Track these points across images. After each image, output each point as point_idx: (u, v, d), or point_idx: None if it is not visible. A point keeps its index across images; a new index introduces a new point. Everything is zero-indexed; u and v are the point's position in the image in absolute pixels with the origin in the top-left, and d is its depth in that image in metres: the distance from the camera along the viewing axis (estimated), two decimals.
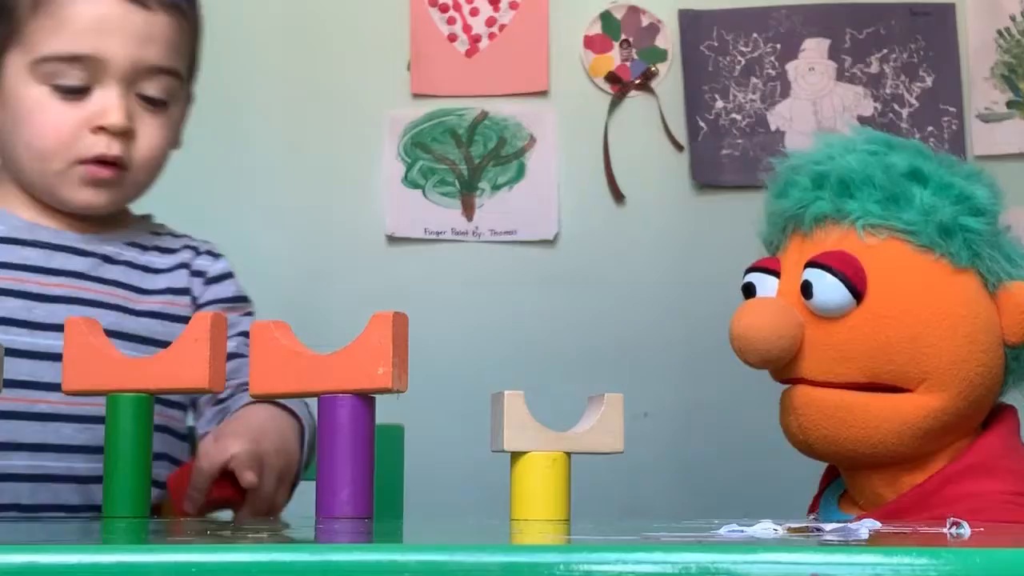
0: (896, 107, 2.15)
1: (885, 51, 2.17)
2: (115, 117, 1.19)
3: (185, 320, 1.16)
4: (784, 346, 1.22)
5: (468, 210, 2.15)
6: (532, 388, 1.25)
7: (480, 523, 0.97)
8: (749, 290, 1.29)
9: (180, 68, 1.25)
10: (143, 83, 1.21)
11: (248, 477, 1.07)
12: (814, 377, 1.23)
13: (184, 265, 1.31)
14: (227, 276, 1.33)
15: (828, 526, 0.72)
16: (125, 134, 1.20)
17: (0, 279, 1.21)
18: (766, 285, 1.28)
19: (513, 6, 2.21)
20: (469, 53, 2.20)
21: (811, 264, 1.23)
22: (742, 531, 0.71)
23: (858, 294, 1.21)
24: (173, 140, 1.27)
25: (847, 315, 1.21)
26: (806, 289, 1.22)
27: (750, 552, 0.57)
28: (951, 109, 2.14)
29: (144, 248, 1.30)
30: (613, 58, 2.20)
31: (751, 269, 1.31)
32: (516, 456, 0.96)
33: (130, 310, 1.25)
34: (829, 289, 1.21)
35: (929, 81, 2.15)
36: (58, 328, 0.98)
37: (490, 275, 2.14)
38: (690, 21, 2.20)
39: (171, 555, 0.57)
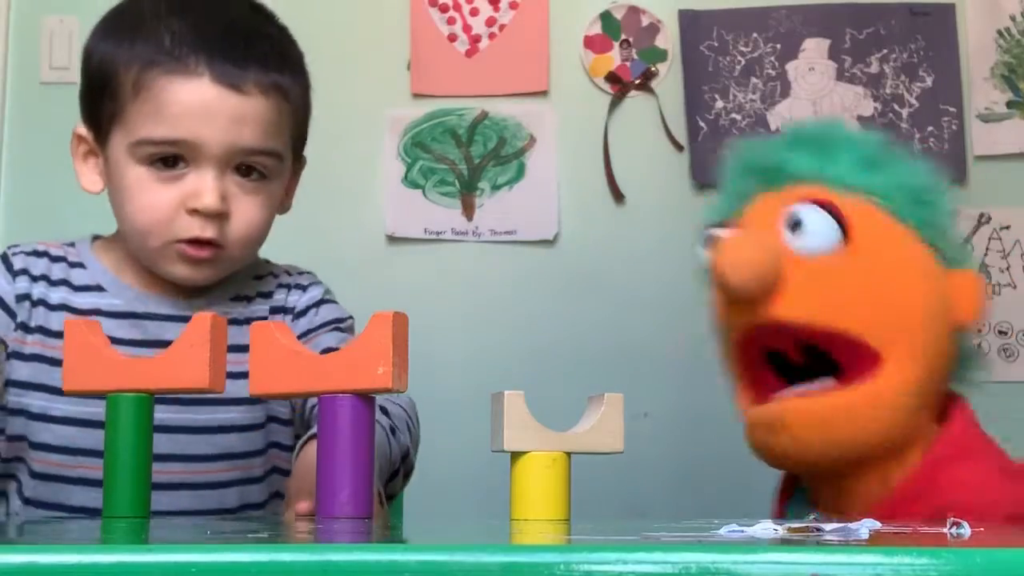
0: (896, 107, 2.15)
1: (885, 51, 2.17)
2: (209, 200, 1.21)
3: None
4: (775, 264, 1.18)
5: (468, 210, 2.15)
6: (532, 387, 1.25)
7: (480, 523, 0.97)
8: (712, 241, 1.24)
9: (278, 147, 1.26)
10: (239, 163, 1.23)
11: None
12: (793, 318, 1.19)
13: (276, 310, 1.33)
14: (312, 307, 1.34)
15: (828, 526, 0.72)
16: (219, 215, 1.22)
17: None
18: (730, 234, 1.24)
19: (513, 6, 2.21)
20: (469, 53, 2.20)
21: (796, 203, 1.21)
22: (742, 531, 0.71)
23: (846, 230, 1.19)
24: (274, 211, 1.30)
25: (831, 255, 1.19)
26: (794, 223, 1.19)
27: (750, 552, 0.57)
28: (951, 109, 2.14)
29: (249, 299, 1.32)
30: (613, 58, 2.21)
31: (711, 228, 1.26)
32: (516, 456, 0.96)
33: (243, 372, 1.28)
34: (820, 224, 1.19)
35: (929, 81, 2.15)
36: (171, 401, 1.03)
37: (490, 275, 2.14)
38: (690, 21, 2.20)
39: (171, 555, 0.57)
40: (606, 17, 2.21)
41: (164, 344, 1.24)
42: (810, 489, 1.31)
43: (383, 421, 1.18)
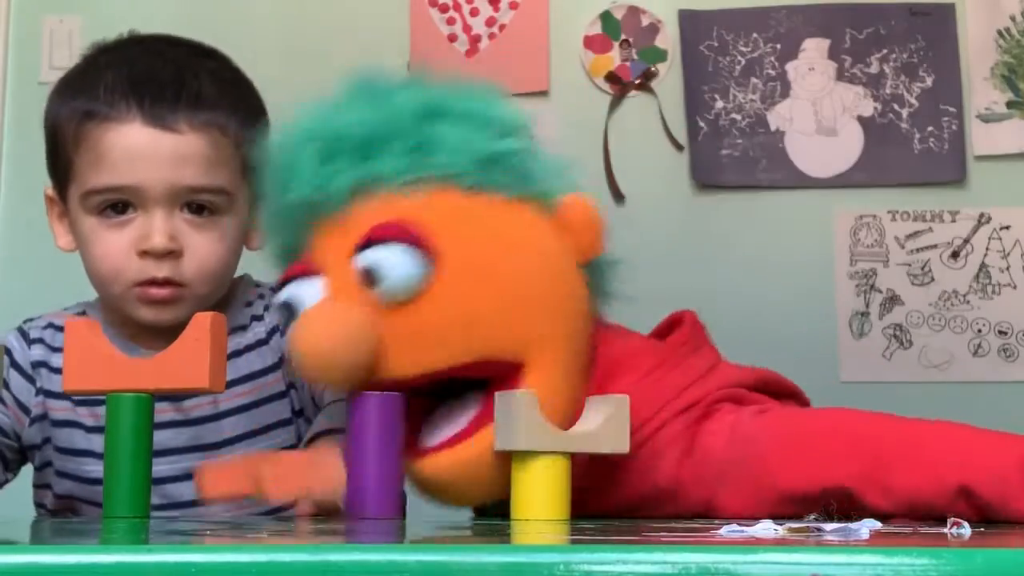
0: (896, 107, 2.15)
1: (885, 51, 2.17)
2: (157, 240, 1.22)
3: (285, 392, 1.29)
4: (365, 350, 0.99)
5: None
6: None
7: (480, 523, 0.97)
8: (290, 310, 1.04)
9: (221, 183, 1.25)
10: (186, 201, 1.24)
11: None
12: (403, 372, 1.00)
13: (272, 331, 1.32)
14: None
15: (828, 526, 0.72)
16: (171, 254, 1.23)
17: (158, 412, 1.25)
18: (310, 293, 1.03)
19: (513, 6, 2.21)
20: (469, 53, 2.20)
21: (365, 245, 1.01)
22: (742, 531, 0.71)
23: (431, 259, 1.00)
24: (234, 245, 1.28)
25: (424, 291, 1.00)
26: (369, 276, 1.00)
27: (750, 552, 0.57)
28: (951, 109, 2.14)
29: (244, 328, 1.32)
30: (613, 58, 2.21)
31: (282, 283, 1.06)
32: (516, 456, 0.96)
33: (257, 402, 1.30)
34: (398, 263, 0.99)
35: (929, 81, 2.15)
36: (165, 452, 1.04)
37: None
38: (690, 21, 2.20)
39: (171, 555, 0.57)
40: (606, 17, 2.21)
41: (180, 397, 1.27)
42: None
43: None
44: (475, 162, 1.06)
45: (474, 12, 2.21)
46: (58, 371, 1.31)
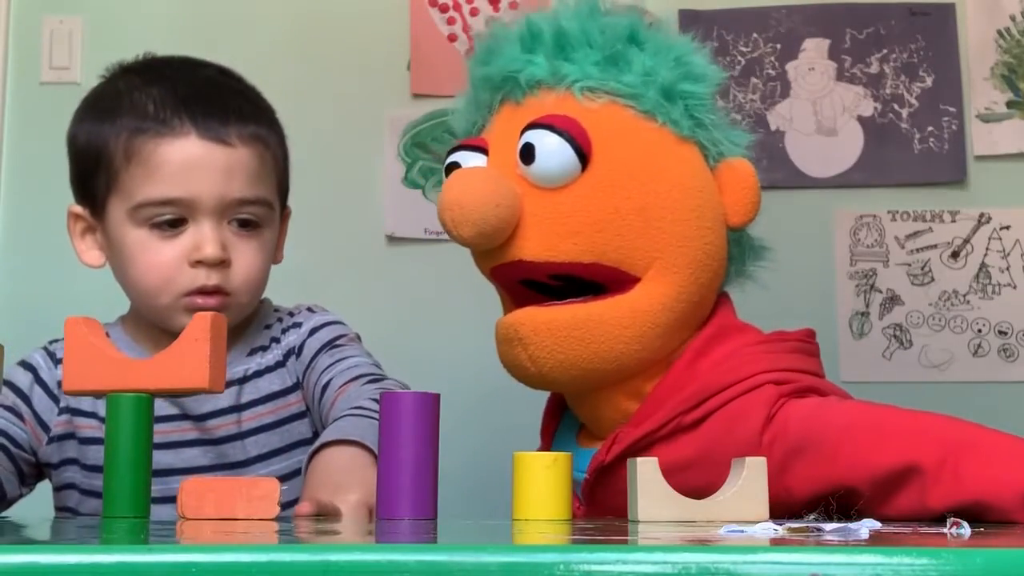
0: (896, 107, 2.15)
1: (885, 51, 2.17)
2: (210, 250, 1.27)
3: (304, 413, 1.33)
4: (501, 215, 1.08)
5: None
6: (531, 388, 1.25)
7: (480, 523, 0.97)
8: (452, 171, 1.15)
9: (266, 195, 1.32)
10: (233, 212, 1.29)
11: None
12: (533, 255, 1.10)
13: (288, 353, 1.37)
14: (305, 340, 1.37)
15: (828, 526, 0.72)
16: (222, 263, 1.28)
17: (164, 432, 1.29)
18: (473, 161, 1.15)
19: (513, 6, 2.21)
20: (469, 53, 2.20)
21: (531, 127, 1.10)
22: (742, 531, 0.71)
23: (584, 157, 1.10)
24: (271, 259, 1.35)
25: (571, 183, 1.10)
26: (527, 153, 1.10)
27: (750, 552, 0.57)
28: (951, 109, 2.14)
29: (265, 349, 1.36)
30: None
31: (453, 149, 1.17)
32: (516, 456, 0.96)
33: (278, 421, 1.34)
34: (552, 151, 1.09)
35: (929, 81, 2.15)
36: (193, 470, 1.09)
37: None
38: (690, 21, 2.20)
39: (171, 555, 0.57)
40: None
41: (204, 417, 1.32)
42: (572, 409, 1.24)
43: None
44: (656, 90, 1.13)
45: (474, 12, 2.21)
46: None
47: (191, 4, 2.21)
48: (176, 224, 1.27)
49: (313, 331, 1.37)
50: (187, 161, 1.26)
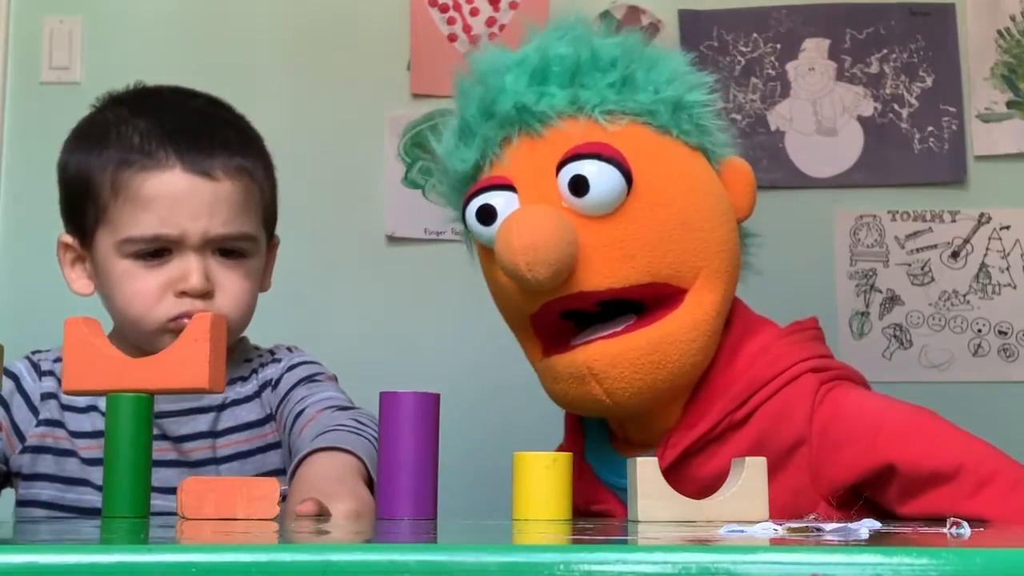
0: (896, 107, 2.15)
1: (885, 51, 2.17)
2: (195, 280, 1.28)
3: (278, 443, 1.34)
4: (574, 252, 1.08)
5: None
6: (532, 388, 1.25)
7: (480, 523, 0.97)
8: (487, 213, 1.14)
9: (250, 229, 1.33)
10: (217, 244, 1.30)
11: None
12: (596, 286, 1.10)
13: (263, 385, 1.38)
14: (284, 374, 1.39)
15: (828, 526, 0.72)
16: (206, 293, 1.29)
17: (161, 450, 1.29)
18: (505, 202, 1.13)
19: (513, 6, 2.21)
20: (469, 54, 2.20)
21: (571, 159, 1.11)
22: (742, 531, 0.71)
23: (629, 178, 1.11)
24: (257, 286, 1.37)
25: (620, 207, 1.11)
26: (577, 185, 1.10)
27: (750, 552, 0.57)
28: (951, 109, 2.14)
29: (244, 379, 1.38)
30: None
31: (478, 191, 1.15)
32: (516, 456, 0.96)
33: (252, 451, 1.35)
34: (605, 178, 1.10)
35: (929, 81, 2.15)
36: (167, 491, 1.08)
37: None
38: (690, 21, 2.20)
39: (171, 555, 0.57)
40: (606, 17, 2.21)
41: (181, 439, 1.33)
42: (607, 424, 1.25)
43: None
44: (668, 105, 1.15)
45: (474, 12, 2.21)
46: (66, 407, 1.35)
47: (191, 4, 2.21)
48: (161, 254, 1.29)
49: (291, 367, 1.39)
50: (172, 195, 1.27)
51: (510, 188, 1.14)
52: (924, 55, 2.16)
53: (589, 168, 1.10)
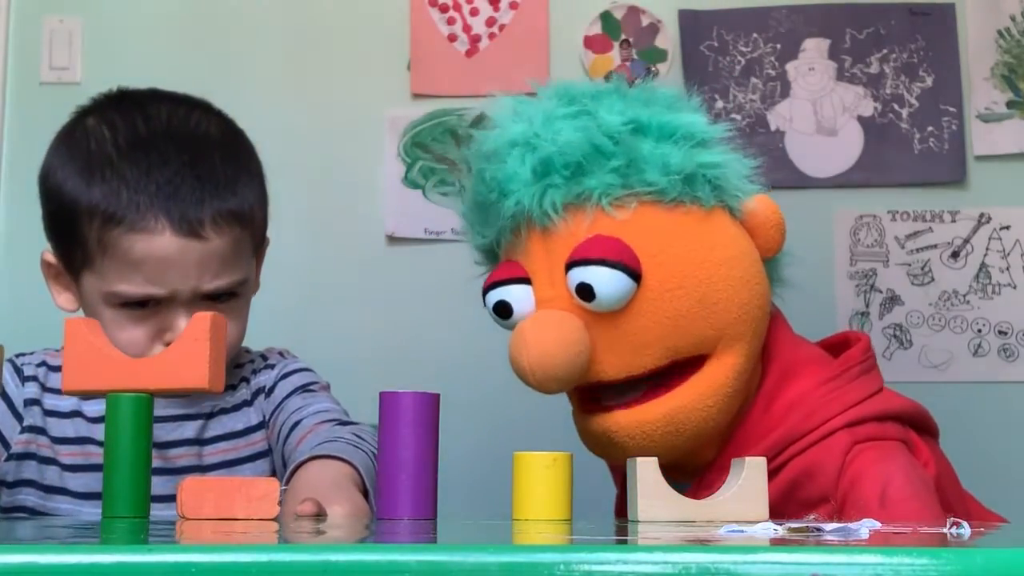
0: (896, 107, 2.15)
1: (885, 51, 2.17)
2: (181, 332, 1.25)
3: (266, 452, 1.34)
4: (582, 363, 1.12)
5: None
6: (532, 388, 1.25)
7: (480, 523, 0.97)
8: (504, 309, 1.17)
9: (240, 275, 1.31)
10: (207, 291, 1.28)
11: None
12: (613, 377, 1.14)
13: (256, 392, 1.38)
14: (279, 381, 1.38)
15: (828, 526, 0.72)
16: None
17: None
18: (520, 297, 1.16)
19: (513, 6, 2.21)
20: (469, 53, 2.20)
21: (577, 263, 1.12)
22: (742, 531, 0.71)
23: (637, 276, 1.12)
24: (246, 318, 1.35)
25: (630, 302, 1.13)
26: (584, 292, 1.12)
27: (750, 552, 0.57)
28: (951, 109, 2.14)
29: (234, 387, 1.37)
30: (613, 58, 2.20)
31: (494, 284, 1.18)
32: (516, 456, 0.96)
33: (239, 459, 1.35)
34: (610, 283, 1.11)
35: (929, 81, 2.15)
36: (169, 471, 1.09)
37: None
38: (690, 21, 2.20)
39: (171, 555, 0.57)
40: (606, 17, 2.21)
41: (166, 445, 1.32)
42: None
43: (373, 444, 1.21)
44: (679, 178, 1.14)
45: (474, 12, 2.21)
46: (49, 413, 1.33)
47: (191, 4, 2.21)
48: (146, 303, 1.26)
49: (286, 375, 1.38)
50: (162, 259, 1.24)
51: (526, 281, 1.16)
52: (924, 55, 2.16)
53: (594, 275, 1.11)
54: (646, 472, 0.91)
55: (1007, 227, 2.11)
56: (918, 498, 1.14)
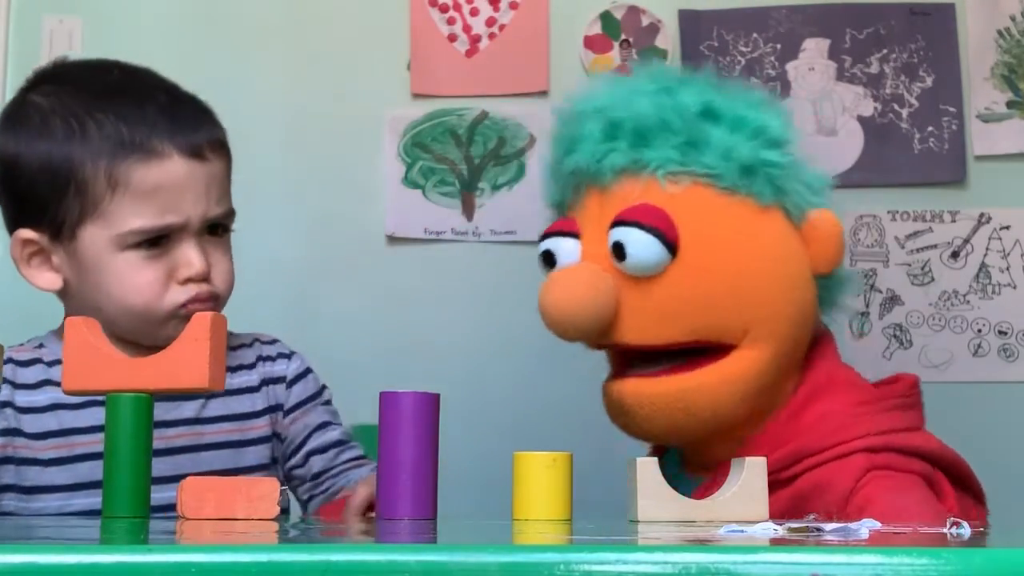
0: (896, 107, 2.15)
1: (885, 51, 2.17)
2: (197, 266, 1.28)
3: (268, 438, 1.35)
4: (602, 315, 1.15)
5: (468, 210, 2.15)
6: (532, 388, 1.26)
7: (480, 523, 0.97)
8: (549, 258, 1.22)
9: (231, 203, 1.34)
10: (211, 223, 1.31)
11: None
12: (634, 341, 1.17)
13: (268, 380, 1.39)
14: (300, 376, 1.40)
15: (828, 526, 0.72)
16: (207, 275, 1.30)
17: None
18: (567, 249, 1.21)
19: (513, 6, 2.21)
20: (469, 53, 2.20)
21: (618, 223, 1.16)
22: (742, 531, 0.71)
23: (673, 248, 1.15)
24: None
25: (663, 272, 1.16)
26: (618, 250, 1.15)
27: (750, 552, 0.57)
28: (951, 109, 2.14)
29: (232, 370, 1.35)
30: (613, 58, 2.20)
31: (547, 235, 1.23)
32: (516, 456, 0.96)
33: (241, 441, 1.35)
34: (643, 247, 1.14)
35: (929, 81, 2.15)
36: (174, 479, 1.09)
37: (490, 275, 2.14)
38: (690, 21, 2.20)
39: (171, 555, 0.57)
40: (606, 17, 2.21)
41: (164, 425, 1.29)
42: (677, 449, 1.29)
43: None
44: (737, 168, 1.17)
45: (474, 12, 2.21)
46: (24, 410, 1.31)
47: (190, 4, 2.21)
48: (158, 241, 1.27)
49: (301, 375, 1.41)
50: (173, 185, 1.26)
51: (575, 235, 1.20)
52: (924, 55, 2.16)
53: (630, 236, 1.14)
54: (646, 472, 0.91)
55: (1007, 227, 2.11)
56: None
